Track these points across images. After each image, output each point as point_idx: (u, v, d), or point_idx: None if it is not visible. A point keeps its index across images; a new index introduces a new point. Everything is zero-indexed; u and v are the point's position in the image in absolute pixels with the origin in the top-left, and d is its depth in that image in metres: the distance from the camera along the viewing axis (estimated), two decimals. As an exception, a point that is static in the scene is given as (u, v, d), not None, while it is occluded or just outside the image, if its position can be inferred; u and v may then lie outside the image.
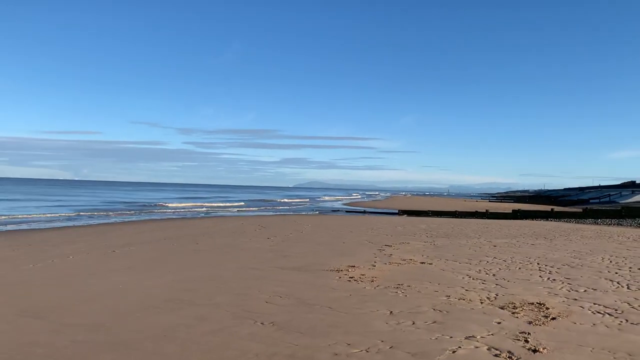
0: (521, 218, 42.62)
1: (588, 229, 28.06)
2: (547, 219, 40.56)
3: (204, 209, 52.23)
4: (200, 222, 29.63)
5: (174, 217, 36.30)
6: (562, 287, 10.13)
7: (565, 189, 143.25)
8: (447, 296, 9.08)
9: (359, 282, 10.28)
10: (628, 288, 10.08)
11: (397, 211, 51.39)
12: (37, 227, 25.87)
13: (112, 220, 32.26)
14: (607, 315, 7.79)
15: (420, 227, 27.42)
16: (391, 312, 7.93)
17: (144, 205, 53.26)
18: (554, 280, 10.99)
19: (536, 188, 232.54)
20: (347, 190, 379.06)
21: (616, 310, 8.17)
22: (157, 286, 9.73)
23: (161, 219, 33.56)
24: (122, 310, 7.89)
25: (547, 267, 12.86)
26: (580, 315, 7.79)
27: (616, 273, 12.00)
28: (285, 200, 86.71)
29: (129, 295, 8.94)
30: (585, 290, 9.82)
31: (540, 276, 11.47)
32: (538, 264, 13.55)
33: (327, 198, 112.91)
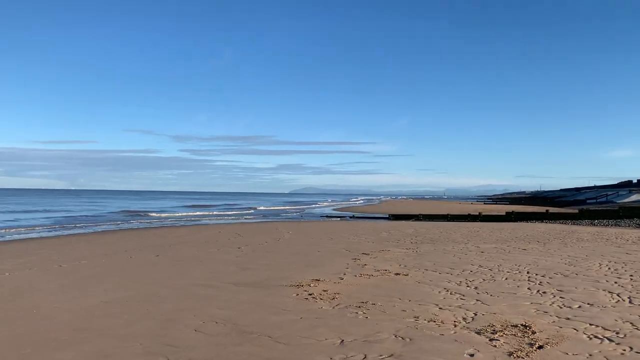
0: (515, 220, 41.25)
1: (584, 231, 26.67)
2: (542, 221, 39.18)
3: (189, 217, 50.64)
4: (176, 231, 28.10)
5: (154, 226, 34.73)
6: (553, 302, 8.66)
7: (561, 190, 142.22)
8: (415, 317, 7.60)
9: (318, 300, 8.79)
10: (630, 302, 8.63)
11: (387, 215, 49.93)
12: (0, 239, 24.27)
13: (88, 230, 30.68)
14: (607, 341, 6.33)
15: (406, 232, 25.98)
16: (342, 340, 6.45)
17: (130, 214, 51.63)
18: (544, 293, 9.52)
19: (533, 189, 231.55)
20: (342, 195, 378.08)
21: (617, 333, 6.71)
22: (77, 310, 8.22)
23: (138, 228, 32.01)
24: (12, 344, 6.38)
25: (538, 277, 11.40)
26: (574, 341, 6.32)
27: (615, 282, 10.55)
28: (275, 207, 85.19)
29: (35, 323, 7.43)
30: (579, 306, 8.35)
31: (528, 288, 10.00)
32: (528, 272, 12.09)
33: (320, 203, 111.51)
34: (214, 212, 56.92)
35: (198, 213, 56.42)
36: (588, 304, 8.56)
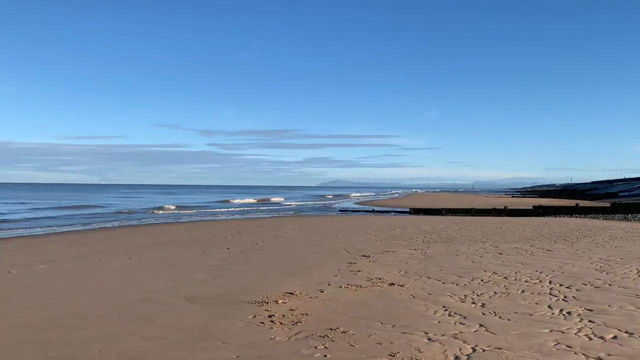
0: (542, 215, 38.70)
1: (617, 227, 24.20)
2: (571, 215, 36.60)
3: (202, 211, 49.22)
4: (176, 228, 26.51)
5: (157, 222, 33.28)
6: (580, 330, 6.63)
7: (592, 182, 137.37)
8: (391, 355, 5.63)
9: (275, 325, 6.90)
10: (683, 331, 6.50)
11: (408, 210, 47.76)
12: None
13: (91, 227, 29.38)
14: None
15: (423, 228, 23.90)
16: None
17: (145, 209, 50.43)
18: (568, 314, 7.46)
19: (563, 182, 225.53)
20: (369, 188, 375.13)
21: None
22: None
23: (139, 225, 30.56)
24: None
25: (562, 289, 9.32)
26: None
27: (660, 299, 8.40)
28: (292, 202, 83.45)
29: None
30: (615, 337, 6.30)
31: (549, 306, 7.95)
32: (550, 282, 9.99)
33: (344, 197, 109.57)
34: (230, 208, 55.36)
35: (210, 209, 54.98)
36: (627, 332, 6.49)
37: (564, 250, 15.41)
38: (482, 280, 10.33)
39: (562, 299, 8.51)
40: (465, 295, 8.88)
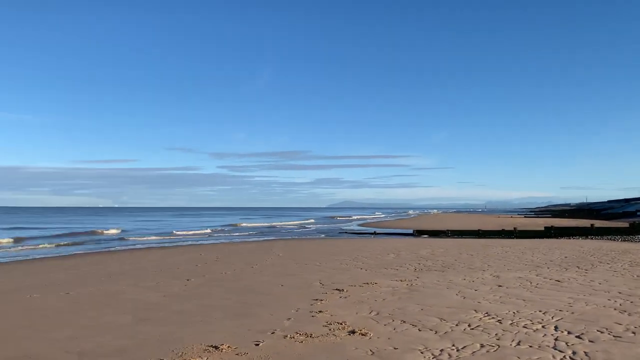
0: (555, 236, 36.20)
1: (638, 251, 21.75)
2: (586, 237, 34.07)
3: (190, 237, 47.17)
4: (153, 254, 24.44)
5: (136, 247, 31.31)
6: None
7: (609, 201, 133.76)
8: None
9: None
10: None
11: (412, 231, 45.41)
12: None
13: (65, 253, 27.43)
14: None
15: (420, 253, 21.65)
16: None
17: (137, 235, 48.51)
18: (578, 386, 5.22)
19: (578, 201, 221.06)
20: (379, 209, 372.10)
21: None
22: None
23: (117, 251, 28.58)
24: None
25: (572, 339, 7.10)
26: None
27: None
28: (296, 223, 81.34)
29: None
30: None
31: (551, 371, 5.71)
32: (556, 329, 7.76)
33: (349, 218, 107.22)
34: (224, 233, 53.22)
35: (199, 232, 52.89)
36: None
37: (576, 280, 13.13)
38: (469, 326, 8.11)
39: (571, 357, 6.28)
40: (441, 351, 6.68)
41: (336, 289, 12.06)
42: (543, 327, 8.03)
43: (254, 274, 15.38)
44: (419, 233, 43.76)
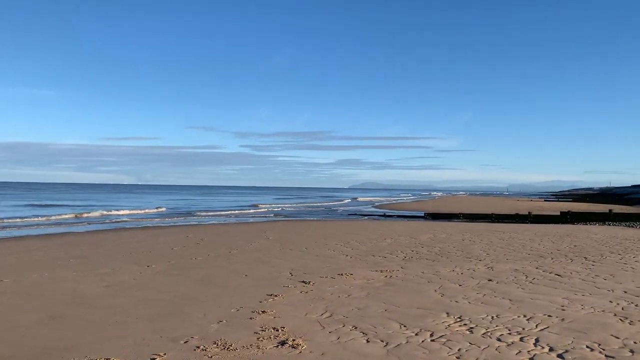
0: (571, 222, 34.33)
1: (656, 241, 19.96)
2: (603, 223, 32.15)
3: (196, 217, 46.19)
4: (137, 234, 23.36)
5: (128, 226, 30.37)
6: None
7: (633, 186, 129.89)
8: None
9: None
10: None
11: (423, 214, 43.87)
12: None
13: (52, 231, 26.60)
14: None
15: (419, 238, 20.19)
16: None
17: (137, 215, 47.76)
18: None
19: (601, 186, 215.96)
20: (400, 190, 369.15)
21: None
22: None
23: (107, 230, 27.61)
24: None
25: (553, 359, 5.62)
26: None
27: None
28: (311, 204, 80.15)
29: None
30: None
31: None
32: (536, 343, 6.33)
33: (366, 199, 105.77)
34: (229, 212, 52.13)
35: (210, 213, 51.93)
36: None
37: (579, 275, 11.57)
38: (431, 336, 6.69)
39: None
40: (379, 373, 5.27)
41: (303, 282, 10.73)
42: (521, 339, 6.57)
43: (226, 260, 14.12)
44: (430, 216, 42.23)
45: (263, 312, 7.97)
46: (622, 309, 8.28)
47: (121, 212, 45.26)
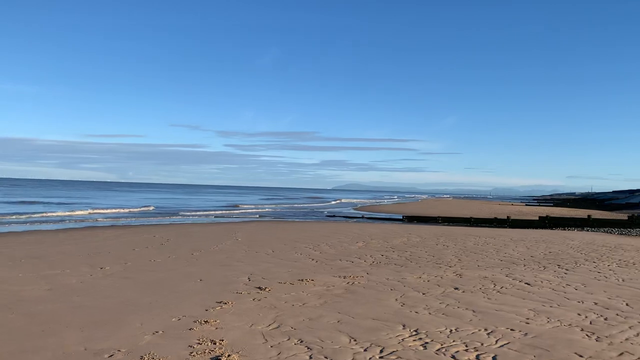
0: (549, 227, 34.11)
1: (632, 247, 19.69)
2: (582, 229, 31.95)
3: (182, 216, 45.33)
4: (105, 233, 22.55)
5: (100, 225, 29.51)
6: None
7: (613, 192, 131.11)
8: None
9: None
10: None
11: (401, 217, 43.45)
12: None
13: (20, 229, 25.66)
14: None
15: (392, 242, 19.68)
16: None
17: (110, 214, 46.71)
18: None
19: (583, 191, 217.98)
20: (384, 192, 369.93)
21: None
22: None
23: (77, 228, 26.73)
24: None
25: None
26: None
27: None
28: (288, 206, 79.56)
29: None
30: None
31: None
32: (491, 362, 5.75)
33: (348, 200, 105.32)
34: (208, 212, 51.33)
35: (186, 213, 51.07)
36: None
37: (550, 284, 11.11)
38: (381, 352, 6.12)
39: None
40: (311, 398, 4.68)
41: (259, 288, 10.11)
42: (477, 357, 6.03)
43: (185, 263, 13.46)
44: (408, 219, 41.80)
45: (205, 321, 7.35)
46: (590, 322, 7.79)
47: (105, 211, 44.15)
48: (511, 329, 7.33)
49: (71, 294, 9.16)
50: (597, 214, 46.97)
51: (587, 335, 7.10)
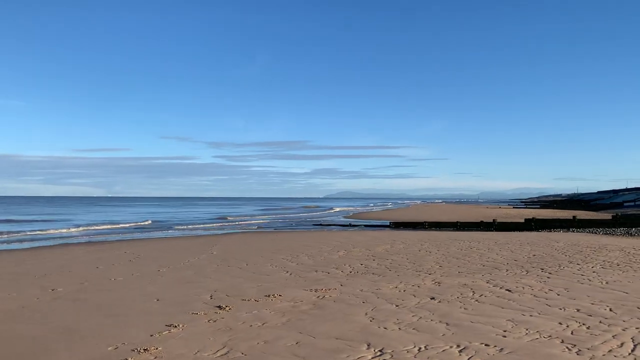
0: (535, 229, 33.66)
1: (616, 247, 19.19)
2: (567, 230, 31.52)
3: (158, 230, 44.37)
4: (77, 251, 21.67)
5: (76, 242, 28.59)
6: None
7: (598, 192, 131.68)
8: None
9: None
10: None
11: (388, 223, 42.88)
12: None
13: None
14: None
15: (375, 250, 19.06)
16: None
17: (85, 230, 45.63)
18: None
19: (570, 192, 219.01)
20: (374, 199, 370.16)
21: None
22: None
23: (43, 247, 25.80)
24: None
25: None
26: None
27: None
28: (285, 215, 78.88)
29: None
30: None
31: None
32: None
33: (339, 209, 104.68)
34: (193, 225, 50.36)
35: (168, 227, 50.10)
36: None
37: (532, 290, 10.48)
38: (335, 378, 5.39)
39: None
40: None
41: (218, 306, 9.38)
42: (444, 379, 5.32)
43: (148, 281, 12.69)
44: (395, 225, 41.21)
45: (145, 350, 6.61)
46: (572, 332, 7.15)
47: (99, 227, 43.05)
48: (486, 344, 6.67)
49: (4, 322, 8.36)
50: (582, 214, 46.69)
51: (567, 348, 6.46)
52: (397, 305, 9.26)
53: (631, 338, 6.79)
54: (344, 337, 7.16)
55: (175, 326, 7.88)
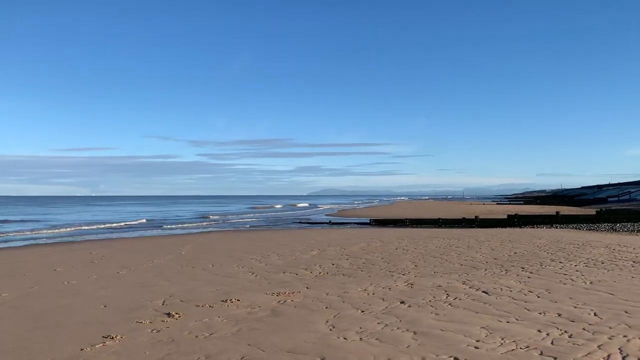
0: (518, 225, 33.12)
1: (600, 243, 18.58)
2: (550, 226, 30.99)
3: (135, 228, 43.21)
4: (41, 251, 20.61)
5: (45, 242, 27.47)
6: None
7: (582, 188, 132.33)
8: None
9: None
10: None
11: (369, 221, 42.18)
12: None
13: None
14: None
15: (350, 249, 18.27)
16: None
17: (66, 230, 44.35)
18: None
19: (554, 188, 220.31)
20: (358, 197, 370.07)
21: None
22: None
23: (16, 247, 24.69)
24: None
25: None
26: None
27: None
28: (266, 213, 78.06)
29: None
30: None
31: None
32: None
33: (322, 207, 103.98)
34: (173, 225, 49.23)
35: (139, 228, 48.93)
36: None
37: (510, 292, 9.74)
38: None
39: None
40: None
41: (167, 314, 8.51)
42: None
43: (103, 284, 11.78)
44: (376, 223, 40.52)
45: (65, 369, 5.71)
46: (552, 342, 6.39)
47: (77, 228, 41.73)
48: (455, 358, 5.87)
49: None
50: (566, 210, 46.40)
51: (545, 358, 5.68)
52: (362, 311, 8.46)
53: (619, 348, 6.05)
54: (296, 350, 6.34)
55: (113, 337, 7.00)
